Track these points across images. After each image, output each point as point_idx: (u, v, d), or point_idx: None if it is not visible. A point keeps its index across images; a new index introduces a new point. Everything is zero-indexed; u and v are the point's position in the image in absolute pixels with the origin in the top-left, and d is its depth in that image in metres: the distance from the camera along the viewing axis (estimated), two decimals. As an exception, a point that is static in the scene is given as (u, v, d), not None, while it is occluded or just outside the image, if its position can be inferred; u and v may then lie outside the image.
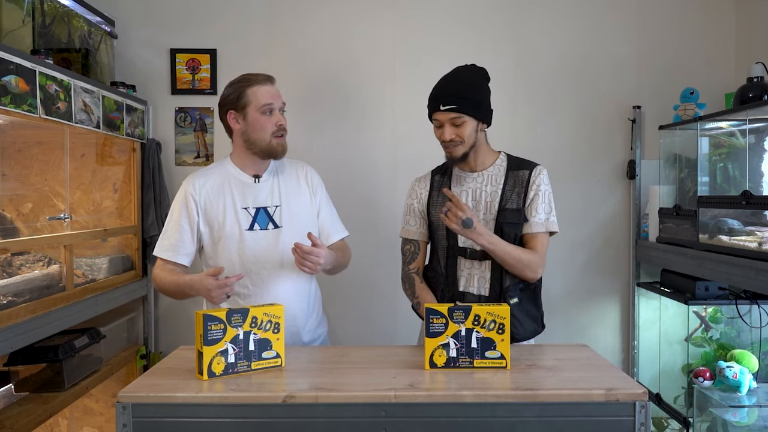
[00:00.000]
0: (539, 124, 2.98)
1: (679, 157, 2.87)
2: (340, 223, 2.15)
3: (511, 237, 1.91)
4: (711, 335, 2.78)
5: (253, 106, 1.96)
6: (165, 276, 1.94)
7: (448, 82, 1.91)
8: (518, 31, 2.97)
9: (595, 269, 3.00)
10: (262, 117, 1.96)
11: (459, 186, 1.99)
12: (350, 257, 2.16)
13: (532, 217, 1.92)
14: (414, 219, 2.05)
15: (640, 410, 1.42)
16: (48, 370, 2.19)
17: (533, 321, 1.96)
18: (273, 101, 1.97)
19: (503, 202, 1.93)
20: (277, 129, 1.97)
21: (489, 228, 1.91)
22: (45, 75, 2.03)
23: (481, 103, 1.90)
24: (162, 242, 2.00)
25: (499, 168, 1.98)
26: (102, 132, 2.45)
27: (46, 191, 2.53)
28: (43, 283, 2.14)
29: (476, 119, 1.89)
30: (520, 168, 1.97)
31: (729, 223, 2.35)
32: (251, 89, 1.96)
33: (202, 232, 2.00)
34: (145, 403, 1.44)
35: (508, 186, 1.94)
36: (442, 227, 1.97)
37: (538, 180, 1.94)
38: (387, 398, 1.43)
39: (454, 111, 1.86)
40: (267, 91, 1.97)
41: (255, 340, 1.61)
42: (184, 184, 2.03)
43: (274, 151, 1.99)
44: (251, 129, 1.97)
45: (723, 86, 2.90)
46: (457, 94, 1.86)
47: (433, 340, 1.62)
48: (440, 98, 1.88)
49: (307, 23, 2.96)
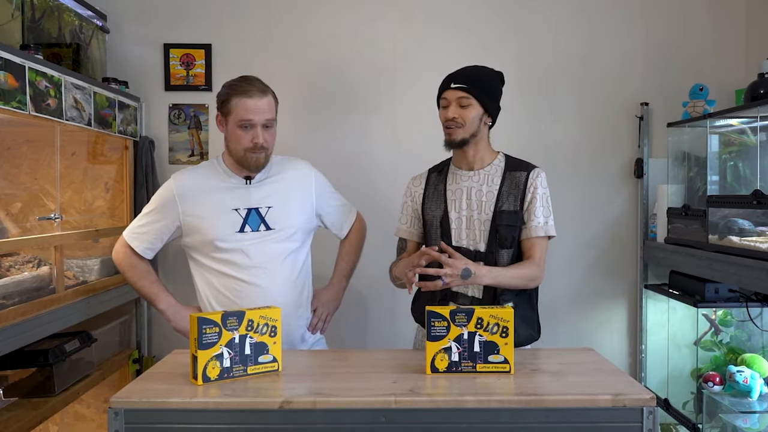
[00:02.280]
0: (544, 122, 2.98)
1: (688, 156, 2.87)
2: (347, 207, 2.23)
3: (507, 240, 1.92)
4: (721, 339, 2.78)
5: (233, 117, 1.95)
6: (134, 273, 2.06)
7: (464, 68, 2.00)
8: (521, 26, 2.98)
9: (602, 271, 3.00)
10: (238, 130, 1.95)
11: (455, 184, 2.00)
12: (365, 229, 2.30)
13: (530, 222, 1.93)
14: (406, 217, 2.09)
15: (648, 416, 1.42)
16: (38, 374, 2.19)
17: (529, 327, 1.96)
18: (253, 117, 1.93)
19: (499, 204, 1.93)
20: (252, 146, 1.95)
21: (485, 229, 1.93)
22: (35, 71, 2.03)
23: (490, 91, 1.96)
24: (137, 229, 2.05)
25: (497, 168, 1.99)
26: (93, 129, 2.45)
27: (35, 190, 2.53)
28: (32, 285, 2.14)
29: (482, 106, 1.94)
30: (518, 169, 1.98)
31: (739, 224, 2.35)
32: (236, 99, 1.94)
33: (185, 234, 2.01)
34: (137, 409, 1.43)
35: (505, 187, 1.95)
36: (435, 226, 1.99)
37: (536, 183, 1.95)
38: (387, 404, 1.43)
39: (462, 90, 1.92)
40: (251, 106, 1.92)
41: (251, 343, 1.61)
42: (170, 181, 2.04)
43: (246, 164, 1.98)
44: (229, 138, 1.99)
45: (733, 82, 2.90)
46: (468, 75, 1.94)
47: (434, 344, 1.62)
48: (452, 78, 1.96)
49: (306, 18, 2.96)
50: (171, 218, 2.01)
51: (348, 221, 2.22)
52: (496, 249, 1.92)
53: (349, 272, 2.24)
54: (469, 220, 1.95)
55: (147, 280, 2.06)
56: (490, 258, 1.92)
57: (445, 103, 1.96)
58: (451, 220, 1.96)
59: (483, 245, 1.93)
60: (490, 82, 1.97)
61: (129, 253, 2.05)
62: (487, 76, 1.98)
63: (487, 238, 1.93)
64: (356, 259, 2.25)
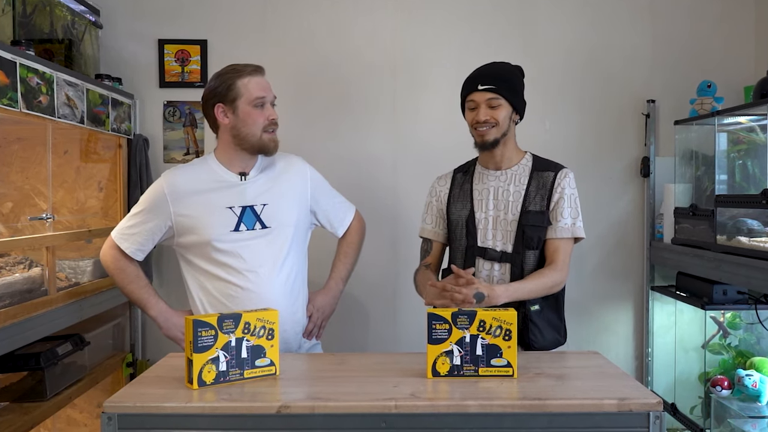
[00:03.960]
0: (548, 119, 2.98)
1: (695, 154, 2.87)
2: (345, 204, 2.21)
3: (534, 240, 1.93)
4: (729, 342, 2.78)
5: (245, 99, 1.94)
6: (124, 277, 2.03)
7: (486, 67, 2.00)
8: (524, 21, 2.97)
9: (607, 272, 3.00)
10: (254, 111, 1.95)
11: (481, 184, 2.01)
12: (364, 228, 2.26)
13: (557, 222, 1.94)
14: (431, 217, 2.10)
15: (655, 421, 1.42)
16: (29, 378, 2.19)
17: (554, 330, 1.97)
18: (265, 94, 1.96)
19: (526, 204, 1.95)
20: (269, 123, 1.97)
21: (511, 230, 1.94)
22: (26, 67, 2.03)
23: (517, 90, 1.98)
24: (126, 230, 2.02)
25: (524, 168, 2.00)
26: (86, 127, 2.45)
27: (27, 190, 2.53)
28: (23, 287, 2.13)
29: (511, 105, 1.96)
30: (546, 170, 1.99)
31: (748, 224, 2.35)
32: (242, 81, 1.94)
33: (177, 234, 2.00)
34: (131, 414, 1.43)
35: (532, 187, 1.96)
36: (460, 226, 2.00)
37: (564, 183, 1.96)
38: (387, 408, 1.43)
39: (491, 91, 1.93)
40: (258, 83, 1.96)
41: (248, 346, 1.61)
42: (160, 180, 2.02)
43: (265, 146, 1.98)
44: (242, 123, 1.96)
45: (742, 79, 2.90)
46: (495, 76, 1.96)
47: (435, 347, 1.62)
48: (478, 79, 1.96)
49: (304, 12, 2.96)
50: (162, 218, 1.99)
51: (346, 219, 2.19)
52: (522, 250, 1.93)
53: (347, 275, 2.20)
54: (495, 221, 1.97)
55: (136, 285, 2.04)
56: (516, 259, 1.93)
57: (472, 105, 1.96)
58: (477, 220, 1.98)
59: (509, 246, 1.94)
60: (515, 80, 1.99)
61: (118, 255, 2.02)
62: (512, 74, 2.00)
63: (514, 239, 1.94)
64: (354, 260, 2.21)
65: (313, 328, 2.10)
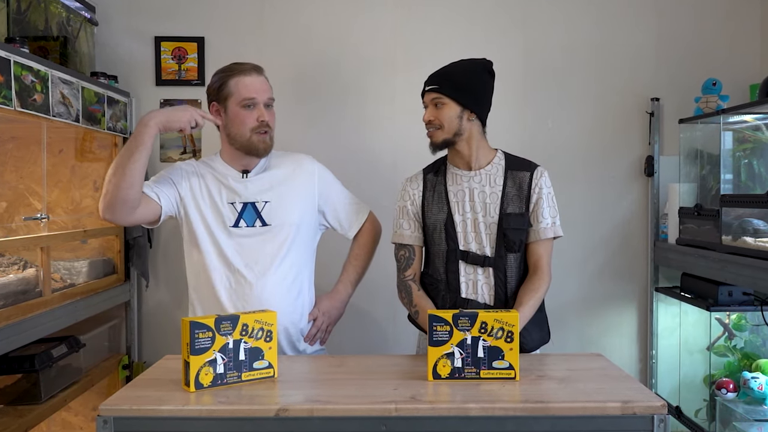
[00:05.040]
0: (550, 118, 2.98)
1: (700, 153, 2.86)
2: (357, 205, 2.18)
3: (516, 244, 1.92)
4: (735, 344, 2.78)
5: (234, 99, 1.95)
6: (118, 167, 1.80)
7: (444, 67, 1.99)
8: (527, 17, 2.97)
9: (611, 273, 3.00)
10: (242, 111, 1.95)
11: (456, 185, 1.99)
12: (379, 230, 2.22)
13: (538, 224, 1.95)
14: (408, 222, 2.03)
15: (659, 424, 1.42)
16: (24, 381, 2.19)
17: (540, 329, 1.97)
18: (256, 95, 1.95)
19: (504, 206, 1.93)
20: (258, 125, 1.95)
21: (491, 233, 1.93)
22: (20, 65, 2.03)
23: (466, 88, 1.93)
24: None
25: (498, 167, 1.98)
26: (81, 126, 2.45)
27: (21, 189, 2.53)
28: (18, 288, 2.14)
29: (458, 104, 1.92)
30: (520, 169, 1.98)
31: (754, 224, 2.35)
32: (233, 80, 1.95)
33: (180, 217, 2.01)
34: (127, 417, 1.43)
35: (508, 188, 1.95)
36: (438, 230, 1.97)
37: (540, 182, 1.96)
38: (387, 411, 1.43)
39: (434, 91, 1.93)
40: (250, 83, 1.95)
41: (245, 349, 1.61)
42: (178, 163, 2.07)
43: (254, 148, 1.97)
44: (231, 123, 1.97)
45: (747, 77, 2.90)
46: (441, 74, 1.95)
47: (436, 349, 1.62)
48: (428, 79, 1.97)
49: (302, 8, 2.96)
50: (180, 183, 1.99)
51: (357, 220, 2.16)
52: (504, 254, 1.93)
53: (357, 278, 2.16)
54: (474, 223, 1.95)
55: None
56: (499, 263, 1.92)
57: (424, 105, 1.99)
58: (456, 223, 1.96)
59: (489, 249, 1.93)
60: (465, 78, 1.94)
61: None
62: (463, 72, 1.95)
63: (495, 243, 1.93)
64: (366, 263, 2.18)
65: (316, 332, 2.09)
